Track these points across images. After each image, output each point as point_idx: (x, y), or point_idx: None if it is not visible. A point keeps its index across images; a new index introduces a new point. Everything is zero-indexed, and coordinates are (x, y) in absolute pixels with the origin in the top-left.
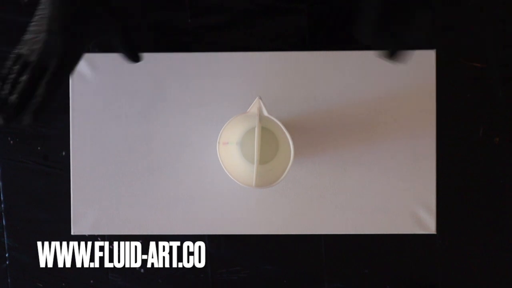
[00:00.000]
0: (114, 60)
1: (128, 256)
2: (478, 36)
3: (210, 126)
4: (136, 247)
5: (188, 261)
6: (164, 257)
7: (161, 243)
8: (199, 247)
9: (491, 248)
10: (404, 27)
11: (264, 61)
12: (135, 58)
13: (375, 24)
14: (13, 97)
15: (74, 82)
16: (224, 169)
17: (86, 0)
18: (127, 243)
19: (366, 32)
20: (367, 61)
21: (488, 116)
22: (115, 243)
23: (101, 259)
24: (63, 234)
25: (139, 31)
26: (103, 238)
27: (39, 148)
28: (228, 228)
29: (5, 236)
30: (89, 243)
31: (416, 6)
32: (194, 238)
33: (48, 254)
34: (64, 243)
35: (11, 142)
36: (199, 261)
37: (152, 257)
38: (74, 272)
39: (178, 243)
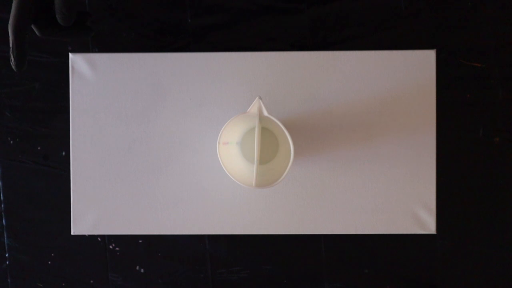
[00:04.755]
0: (114, 60)
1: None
2: (478, 36)
3: (210, 126)
4: (136, 247)
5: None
6: (164, 257)
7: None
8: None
9: (491, 248)
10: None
11: (264, 61)
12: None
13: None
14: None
15: (74, 82)
16: (224, 169)
17: None
18: (128, 243)
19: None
20: (367, 61)
21: (488, 116)
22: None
23: (101, 259)
24: (63, 234)
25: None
26: (103, 238)
27: (39, 148)
28: (228, 228)
29: (5, 236)
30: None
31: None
32: (194, 238)
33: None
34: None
35: (11, 142)
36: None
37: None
38: (74, 272)
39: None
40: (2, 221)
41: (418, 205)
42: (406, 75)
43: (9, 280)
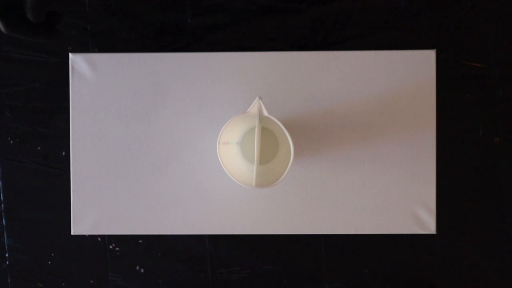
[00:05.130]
0: (114, 60)
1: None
2: (478, 36)
3: (210, 126)
4: (136, 247)
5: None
6: (164, 257)
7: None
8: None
9: (491, 248)
10: None
11: (264, 61)
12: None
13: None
14: None
15: (74, 82)
16: (224, 169)
17: None
18: (128, 243)
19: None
20: (367, 61)
21: (488, 116)
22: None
23: (101, 259)
24: (63, 234)
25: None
26: (103, 238)
27: (39, 148)
28: (228, 228)
29: (5, 236)
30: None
31: None
32: (194, 238)
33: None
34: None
35: (11, 142)
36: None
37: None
38: (74, 272)
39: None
40: (2, 221)
41: (418, 205)
42: (406, 75)
43: (9, 280)
